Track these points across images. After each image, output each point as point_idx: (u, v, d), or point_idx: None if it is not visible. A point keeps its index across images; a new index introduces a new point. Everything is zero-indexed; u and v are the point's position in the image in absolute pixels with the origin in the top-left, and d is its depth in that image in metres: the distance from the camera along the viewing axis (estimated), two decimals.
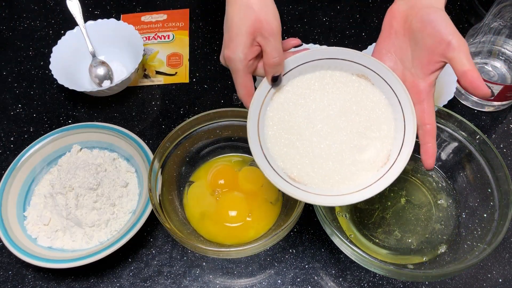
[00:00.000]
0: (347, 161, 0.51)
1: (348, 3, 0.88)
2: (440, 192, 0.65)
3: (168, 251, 0.64)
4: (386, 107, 0.52)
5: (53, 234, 0.62)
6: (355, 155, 0.51)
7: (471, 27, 0.73)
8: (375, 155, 0.51)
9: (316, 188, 0.50)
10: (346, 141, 0.51)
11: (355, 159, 0.51)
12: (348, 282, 0.61)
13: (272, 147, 0.52)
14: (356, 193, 0.50)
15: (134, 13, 0.89)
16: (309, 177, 0.51)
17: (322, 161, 0.51)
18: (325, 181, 0.51)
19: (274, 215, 0.63)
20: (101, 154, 0.68)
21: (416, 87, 0.49)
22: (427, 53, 0.47)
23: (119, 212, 0.63)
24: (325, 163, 0.51)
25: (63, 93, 0.79)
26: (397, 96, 0.50)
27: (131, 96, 0.79)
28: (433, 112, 0.49)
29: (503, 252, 0.62)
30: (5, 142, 0.74)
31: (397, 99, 0.50)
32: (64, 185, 0.62)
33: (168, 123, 0.75)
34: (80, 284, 0.61)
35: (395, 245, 0.61)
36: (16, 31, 0.87)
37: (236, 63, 0.50)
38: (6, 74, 0.82)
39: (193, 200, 0.65)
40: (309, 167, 0.51)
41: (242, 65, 0.50)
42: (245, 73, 0.50)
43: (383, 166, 0.50)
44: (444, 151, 0.65)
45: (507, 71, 0.73)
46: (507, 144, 0.71)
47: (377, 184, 0.49)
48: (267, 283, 0.61)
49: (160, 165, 0.61)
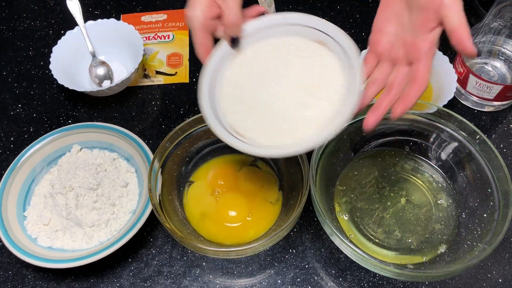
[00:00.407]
0: (292, 118, 0.52)
1: (348, 3, 0.88)
2: (440, 192, 0.65)
3: (168, 251, 0.64)
4: (340, 72, 0.52)
5: (53, 234, 0.62)
6: (300, 111, 0.52)
7: (471, 27, 0.73)
8: (321, 114, 0.52)
9: (260, 142, 0.52)
10: (293, 99, 0.53)
11: (300, 115, 0.52)
12: (348, 282, 0.61)
13: (223, 104, 0.54)
14: (296, 145, 0.50)
15: (134, 13, 0.89)
16: (254, 132, 0.52)
17: (268, 117, 0.53)
18: (269, 136, 0.52)
19: (274, 215, 0.63)
20: (101, 154, 0.68)
21: (415, 46, 0.50)
22: (422, 12, 0.48)
23: (119, 212, 0.63)
24: (271, 119, 0.53)
25: (63, 93, 0.79)
26: (353, 63, 0.51)
27: (131, 96, 0.79)
28: (427, 71, 0.49)
29: (503, 252, 0.62)
30: (5, 142, 0.74)
31: (352, 65, 0.51)
32: (64, 185, 0.62)
33: (168, 123, 0.75)
34: (80, 284, 0.61)
35: (395, 245, 0.61)
36: (16, 31, 0.87)
37: (194, 21, 0.51)
38: (6, 74, 0.82)
39: (193, 200, 0.65)
40: (255, 122, 0.53)
41: (200, 23, 0.51)
42: (203, 32, 0.52)
43: (327, 125, 0.51)
44: (444, 151, 0.65)
45: (507, 71, 0.73)
46: (507, 144, 0.71)
47: (317, 137, 0.50)
48: (267, 283, 0.61)
49: (160, 165, 0.61)
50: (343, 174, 0.67)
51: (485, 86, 0.69)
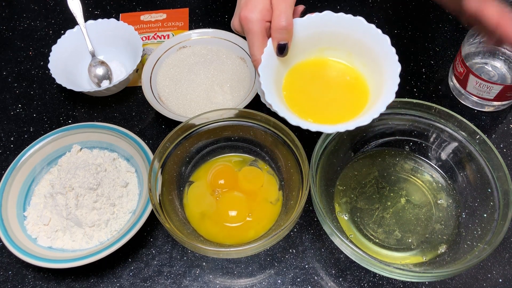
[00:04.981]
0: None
1: (348, 3, 0.88)
2: (440, 192, 0.65)
3: (168, 251, 0.64)
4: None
5: (53, 234, 0.62)
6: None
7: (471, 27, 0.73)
8: None
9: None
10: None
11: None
12: (348, 282, 0.61)
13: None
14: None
15: (133, 12, 0.89)
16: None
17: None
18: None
19: (274, 215, 0.63)
20: (101, 154, 0.68)
21: None
22: None
23: (119, 212, 0.63)
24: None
25: (63, 93, 0.79)
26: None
27: (131, 96, 0.79)
28: None
29: (503, 252, 0.62)
30: (5, 142, 0.74)
31: None
32: (64, 185, 0.62)
33: (168, 123, 0.75)
34: (80, 284, 0.61)
35: (395, 245, 0.61)
36: (16, 31, 0.87)
37: (253, 23, 0.49)
38: (6, 74, 0.82)
39: (193, 200, 0.65)
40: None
41: (259, 26, 0.49)
42: (263, 35, 0.50)
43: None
44: (444, 151, 0.65)
45: (507, 71, 0.73)
46: (507, 144, 0.71)
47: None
48: (267, 283, 0.61)
49: (160, 165, 0.61)
50: (343, 174, 0.67)
51: (485, 86, 0.69)
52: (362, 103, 0.54)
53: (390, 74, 0.51)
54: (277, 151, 0.65)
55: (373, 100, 0.53)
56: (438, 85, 0.77)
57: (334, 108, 0.54)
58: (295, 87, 0.55)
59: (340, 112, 0.54)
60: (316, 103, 0.54)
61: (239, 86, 0.75)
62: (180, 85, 0.75)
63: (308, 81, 0.55)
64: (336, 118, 0.53)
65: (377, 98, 0.52)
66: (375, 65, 0.54)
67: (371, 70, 0.55)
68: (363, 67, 0.56)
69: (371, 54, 0.54)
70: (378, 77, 0.54)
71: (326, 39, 0.55)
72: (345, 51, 0.56)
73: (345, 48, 0.55)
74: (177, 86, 0.75)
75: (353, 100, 0.54)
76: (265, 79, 0.50)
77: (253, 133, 0.65)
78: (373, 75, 0.55)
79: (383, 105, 0.50)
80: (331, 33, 0.54)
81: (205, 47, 0.80)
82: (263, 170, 0.67)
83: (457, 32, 0.84)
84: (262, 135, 0.65)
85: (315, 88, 0.55)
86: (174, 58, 0.79)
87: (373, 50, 0.54)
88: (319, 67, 0.56)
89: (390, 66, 0.52)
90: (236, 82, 0.75)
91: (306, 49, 0.55)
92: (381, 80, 0.53)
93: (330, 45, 0.55)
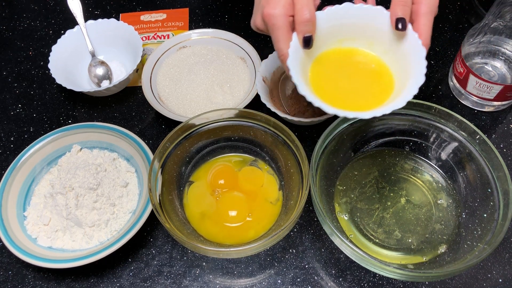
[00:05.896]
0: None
1: None
2: (440, 192, 0.65)
3: (168, 251, 0.64)
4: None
5: (53, 234, 0.62)
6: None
7: (471, 27, 0.73)
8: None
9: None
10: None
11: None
12: (348, 282, 0.61)
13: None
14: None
15: (133, 12, 0.89)
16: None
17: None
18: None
19: (274, 215, 0.63)
20: (101, 154, 0.68)
21: None
22: None
23: (119, 212, 0.63)
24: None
25: (63, 93, 0.79)
26: None
27: (131, 96, 0.79)
28: None
29: (503, 252, 0.62)
30: (5, 142, 0.74)
31: None
32: (64, 185, 0.62)
33: (168, 123, 0.75)
34: (80, 284, 0.61)
35: (395, 245, 0.61)
36: (16, 31, 0.87)
37: (277, 18, 0.50)
38: (6, 74, 0.82)
39: (193, 200, 0.65)
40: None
41: (284, 20, 0.50)
42: (288, 29, 0.51)
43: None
44: (444, 151, 0.65)
45: (507, 71, 0.73)
46: (507, 144, 0.71)
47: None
48: (267, 283, 0.61)
49: (160, 165, 0.61)
50: (343, 174, 0.67)
51: (485, 86, 0.69)
52: (389, 89, 0.55)
53: (415, 57, 0.52)
54: (277, 151, 0.65)
55: (400, 86, 0.54)
56: (438, 85, 0.77)
57: (363, 96, 0.55)
58: (322, 77, 0.55)
59: (369, 99, 0.54)
60: (345, 91, 0.55)
61: (239, 86, 0.75)
62: (180, 85, 0.75)
63: (334, 71, 0.56)
64: (366, 105, 0.53)
65: (405, 82, 0.53)
66: (398, 51, 0.54)
67: (393, 57, 0.55)
68: (385, 54, 0.56)
69: (393, 41, 0.54)
70: (402, 62, 0.54)
71: (346, 30, 0.55)
72: (366, 40, 0.56)
73: (366, 38, 0.56)
74: (177, 86, 0.75)
75: (380, 87, 0.55)
76: (294, 72, 0.51)
77: (253, 133, 0.65)
78: (397, 61, 0.55)
79: (415, 88, 0.50)
80: (351, 24, 0.55)
81: (205, 47, 0.80)
82: (263, 170, 0.67)
83: (457, 32, 0.84)
84: (262, 135, 0.65)
85: (342, 77, 0.56)
86: (174, 58, 0.79)
87: (394, 37, 0.54)
88: (343, 56, 0.57)
89: (414, 49, 0.52)
90: (236, 82, 0.75)
91: (327, 40, 0.56)
92: (406, 65, 0.53)
93: (351, 35, 0.56)
